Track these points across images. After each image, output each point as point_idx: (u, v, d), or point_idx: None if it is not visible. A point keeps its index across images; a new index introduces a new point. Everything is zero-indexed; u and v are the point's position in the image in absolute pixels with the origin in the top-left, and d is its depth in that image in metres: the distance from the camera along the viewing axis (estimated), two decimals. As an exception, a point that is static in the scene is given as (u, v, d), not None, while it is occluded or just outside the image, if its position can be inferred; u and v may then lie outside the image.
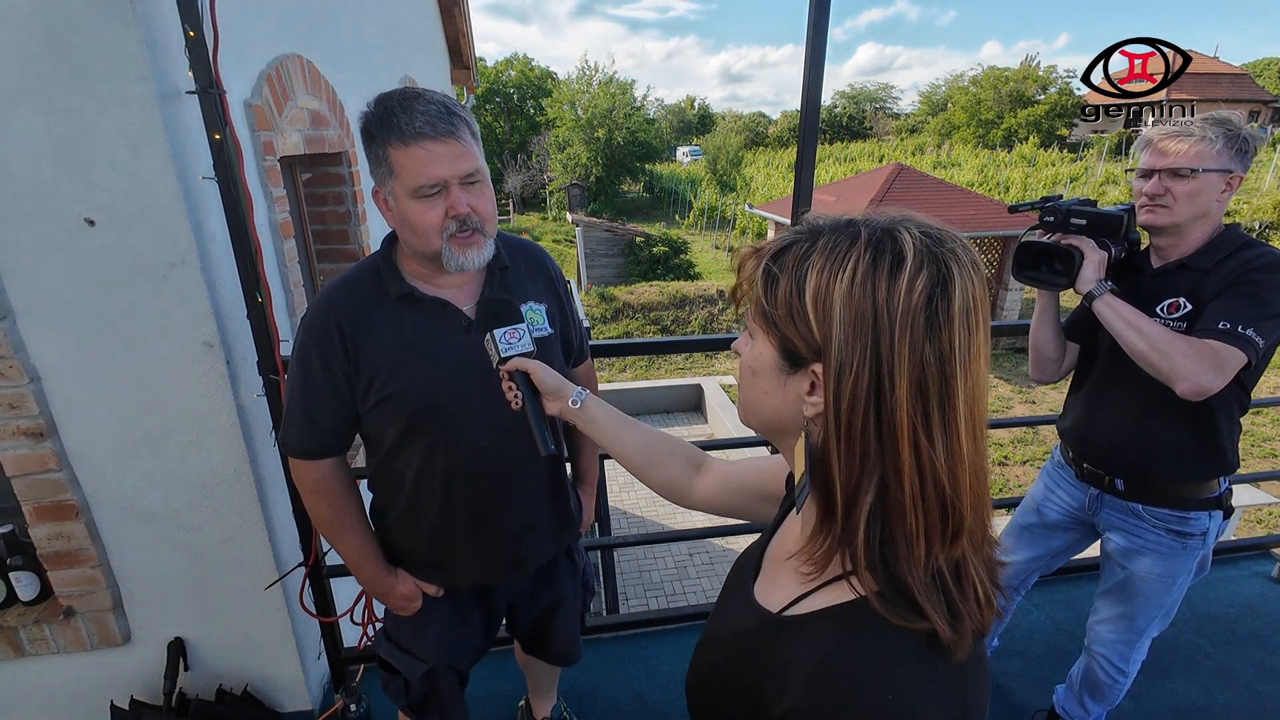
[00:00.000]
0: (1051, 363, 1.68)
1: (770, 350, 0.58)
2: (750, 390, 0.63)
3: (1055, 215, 1.49)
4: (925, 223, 0.54)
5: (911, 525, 0.52)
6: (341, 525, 1.29)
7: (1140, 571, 1.57)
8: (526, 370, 1.02)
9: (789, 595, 0.59)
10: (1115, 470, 1.56)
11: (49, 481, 1.58)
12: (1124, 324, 1.36)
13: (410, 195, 1.08)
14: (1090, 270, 1.43)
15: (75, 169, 1.35)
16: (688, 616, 2.33)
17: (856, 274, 0.51)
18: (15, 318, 1.44)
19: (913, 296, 0.50)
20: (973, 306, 0.51)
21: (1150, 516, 1.53)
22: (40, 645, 1.74)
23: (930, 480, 0.51)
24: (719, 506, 0.96)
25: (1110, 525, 1.62)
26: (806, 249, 0.55)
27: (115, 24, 1.28)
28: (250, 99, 1.75)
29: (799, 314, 0.54)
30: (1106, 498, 1.60)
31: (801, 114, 1.63)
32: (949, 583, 0.53)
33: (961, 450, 0.52)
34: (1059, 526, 1.75)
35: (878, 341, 0.50)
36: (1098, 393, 1.59)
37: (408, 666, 1.36)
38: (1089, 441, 1.61)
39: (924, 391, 0.51)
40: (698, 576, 6.45)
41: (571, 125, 31.16)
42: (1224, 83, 31.47)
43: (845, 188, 16.73)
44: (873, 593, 0.53)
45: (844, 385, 0.52)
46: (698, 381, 10.64)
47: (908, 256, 0.50)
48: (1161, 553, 1.53)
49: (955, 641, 0.51)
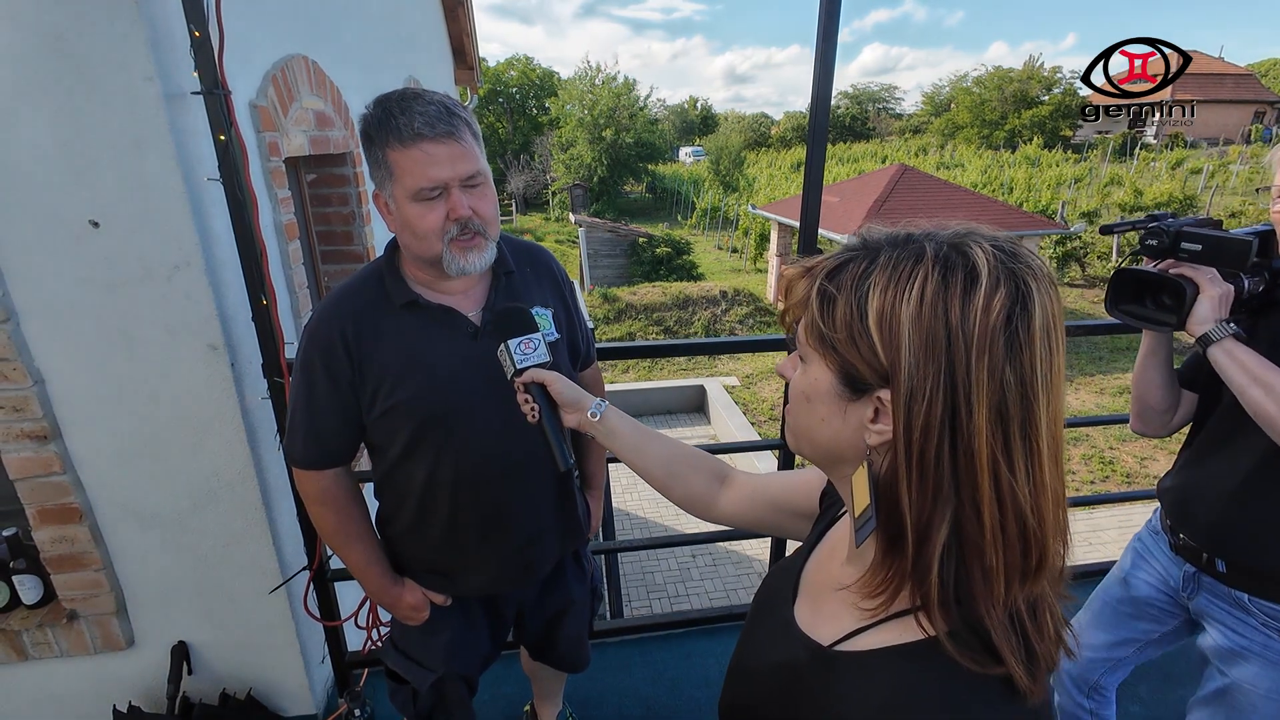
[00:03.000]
0: (1159, 415, 1.37)
1: (828, 375, 0.55)
2: (804, 417, 0.59)
3: (1161, 238, 1.21)
4: (995, 236, 0.51)
5: (991, 561, 0.48)
6: (347, 535, 1.27)
7: (1244, 681, 1.26)
8: (543, 382, 0.99)
9: (842, 628, 0.56)
10: (1218, 549, 1.27)
11: (53, 484, 1.57)
12: (1247, 378, 1.09)
13: (410, 198, 1.06)
14: (1206, 308, 1.14)
15: (80, 170, 1.34)
16: (692, 620, 2.31)
17: (925, 293, 0.48)
18: (19, 319, 1.43)
19: (990, 316, 0.47)
20: (1052, 325, 0.48)
21: (1259, 611, 1.23)
22: (43, 649, 1.74)
23: (1012, 512, 0.48)
24: (745, 521, 0.93)
25: (1208, 615, 1.32)
26: (865, 267, 0.51)
27: (121, 25, 1.27)
28: (255, 100, 1.74)
29: (861, 337, 0.51)
30: (1205, 580, 1.31)
31: (810, 118, 1.62)
32: (1025, 622, 0.50)
33: (1045, 478, 0.49)
34: (1149, 605, 1.44)
35: (952, 365, 0.47)
36: (1210, 452, 1.31)
37: (416, 676, 1.35)
38: (1190, 510, 1.32)
39: (1004, 417, 0.48)
40: (701, 579, 6.44)
41: (575, 125, 31.18)
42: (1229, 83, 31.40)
43: (849, 188, 16.70)
44: (944, 633, 0.50)
45: (916, 413, 0.48)
46: (700, 383, 10.64)
47: (982, 273, 0.48)
48: (1270, 660, 1.23)
49: (1031, 687, 0.48)
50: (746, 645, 0.69)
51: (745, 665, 0.68)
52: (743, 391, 10.79)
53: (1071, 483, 8.40)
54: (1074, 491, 8.06)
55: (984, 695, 0.49)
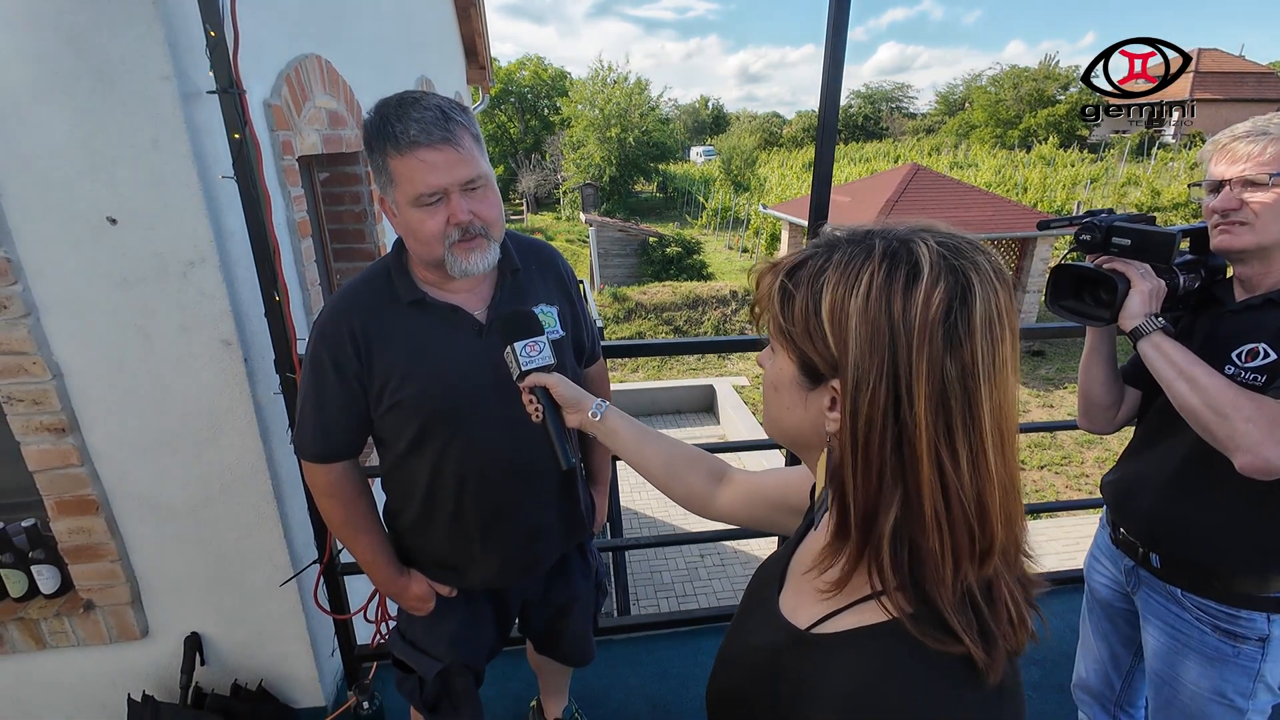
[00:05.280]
0: (1103, 410, 1.36)
1: (790, 366, 0.58)
2: (773, 405, 0.62)
3: (1093, 233, 1.22)
4: (945, 232, 0.53)
5: (935, 545, 0.50)
6: (355, 528, 1.29)
7: (1188, 683, 1.24)
8: (546, 385, 1.01)
9: (817, 612, 0.58)
10: (1152, 543, 1.27)
11: (70, 476, 1.60)
12: (1173, 371, 1.09)
13: (410, 204, 1.07)
14: (1137, 302, 1.14)
15: (97, 168, 1.37)
16: (700, 619, 2.32)
17: (872, 288, 0.50)
18: (39, 314, 1.46)
19: (930, 309, 0.49)
20: (996, 317, 0.50)
21: (1193, 607, 1.23)
22: (60, 638, 1.77)
23: (956, 499, 0.50)
24: (742, 518, 0.94)
25: (1148, 611, 1.33)
26: (822, 264, 0.54)
27: (138, 24, 1.30)
28: (269, 99, 1.76)
29: (816, 330, 0.53)
30: (1143, 574, 1.32)
31: (820, 115, 1.61)
32: (979, 602, 0.52)
33: (989, 466, 0.50)
34: (1111, 607, 1.44)
35: (895, 357, 0.49)
36: (1145, 446, 1.32)
37: (422, 665, 1.36)
38: (1127, 503, 1.33)
39: (946, 407, 0.49)
40: (709, 578, 6.43)
41: (586, 125, 31.21)
42: (1250, 81, 30.86)
43: (861, 188, 16.60)
44: (905, 614, 0.52)
45: (861, 402, 0.51)
46: (710, 382, 10.62)
47: (924, 268, 0.49)
48: (1208, 656, 1.21)
49: (989, 664, 0.50)
50: (735, 633, 0.70)
51: (731, 651, 0.69)
52: (752, 391, 10.76)
53: (1086, 486, 8.31)
54: (1090, 494, 7.97)
55: (946, 672, 0.50)
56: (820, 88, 1.58)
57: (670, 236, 19.16)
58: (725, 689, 0.68)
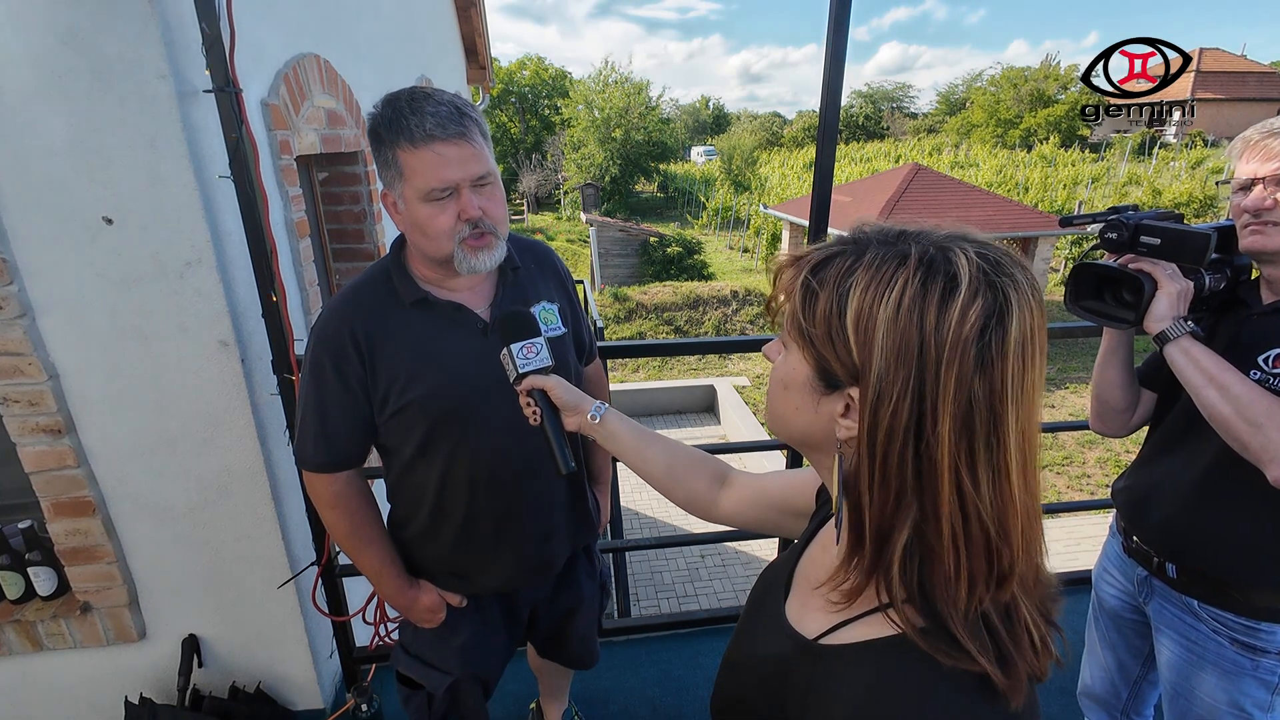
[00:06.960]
0: (1118, 414, 1.32)
1: (804, 367, 0.55)
2: (780, 403, 0.59)
3: (1120, 231, 1.16)
4: (983, 242, 0.50)
5: (950, 567, 0.48)
6: (361, 539, 1.25)
7: (1204, 695, 1.21)
8: (544, 388, 0.99)
9: (825, 622, 0.57)
10: (1168, 552, 1.23)
11: (67, 478, 1.59)
12: (1203, 378, 1.05)
13: (421, 199, 1.06)
14: (1164, 305, 1.09)
15: (94, 168, 1.36)
16: (701, 621, 2.31)
17: (904, 298, 0.47)
18: (35, 315, 1.45)
19: (964, 327, 0.46)
20: (1029, 339, 0.47)
21: (1210, 618, 1.19)
22: (58, 640, 1.76)
23: (975, 523, 0.48)
24: (745, 521, 0.93)
25: (1161, 622, 1.29)
26: (851, 264, 0.51)
27: (135, 23, 1.29)
28: (267, 98, 1.75)
29: (838, 335, 0.50)
30: (1157, 584, 1.28)
31: (821, 115, 1.61)
32: (997, 626, 0.50)
33: (1012, 492, 0.48)
34: (1120, 619, 1.41)
35: (922, 373, 0.47)
36: (1163, 453, 1.27)
37: (431, 680, 1.32)
38: (1142, 511, 1.28)
39: (970, 429, 0.47)
40: (709, 579, 6.42)
41: (587, 125, 31.20)
42: (1252, 81, 30.84)
43: (862, 188, 16.59)
44: (915, 629, 0.50)
45: (881, 416, 0.48)
46: (711, 382, 10.61)
47: (962, 282, 0.47)
48: (1225, 668, 1.18)
49: (1010, 687, 0.48)
50: (740, 639, 0.69)
51: (737, 659, 0.68)
52: (753, 391, 10.75)
53: (1085, 487, 8.29)
54: (1091, 495, 7.96)
55: (961, 688, 0.49)
56: (821, 88, 1.57)
57: (671, 236, 19.15)
58: (731, 697, 0.66)
